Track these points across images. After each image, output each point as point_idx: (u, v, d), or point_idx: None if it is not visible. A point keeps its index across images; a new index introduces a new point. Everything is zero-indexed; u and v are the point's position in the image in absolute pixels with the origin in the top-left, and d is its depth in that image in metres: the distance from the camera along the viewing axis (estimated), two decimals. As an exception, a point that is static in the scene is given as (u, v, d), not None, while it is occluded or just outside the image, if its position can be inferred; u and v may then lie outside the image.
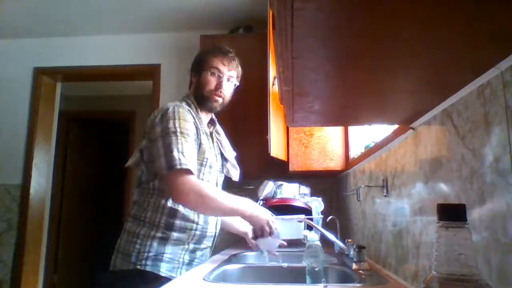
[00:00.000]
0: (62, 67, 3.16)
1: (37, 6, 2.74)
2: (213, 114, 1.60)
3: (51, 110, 3.28)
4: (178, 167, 1.27)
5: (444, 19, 0.52)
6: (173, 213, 1.37)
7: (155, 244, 1.33)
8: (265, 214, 1.42)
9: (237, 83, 1.62)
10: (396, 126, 1.21)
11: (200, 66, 1.57)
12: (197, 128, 1.43)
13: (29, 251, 2.95)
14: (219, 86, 1.53)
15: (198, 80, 1.56)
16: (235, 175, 1.64)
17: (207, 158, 1.44)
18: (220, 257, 1.59)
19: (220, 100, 1.54)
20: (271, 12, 1.55)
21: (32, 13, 2.85)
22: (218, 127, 1.64)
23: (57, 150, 3.53)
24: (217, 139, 1.61)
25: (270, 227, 1.41)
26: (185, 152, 1.30)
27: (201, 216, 1.42)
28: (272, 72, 1.94)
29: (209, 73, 1.53)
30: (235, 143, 1.68)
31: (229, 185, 1.63)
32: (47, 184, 3.20)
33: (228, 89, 1.56)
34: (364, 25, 0.55)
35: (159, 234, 1.35)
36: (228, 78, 1.55)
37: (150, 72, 3.05)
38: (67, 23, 2.98)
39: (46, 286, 3.35)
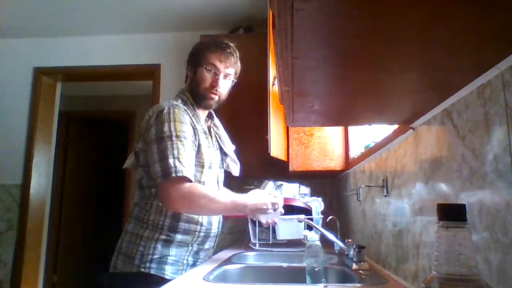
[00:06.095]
0: (62, 67, 3.16)
1: (37, 6, 2.74)
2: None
3: (51, 110, 3.28)
4: (173, 175, 1.23)
5: (444, 19, 0.52)
6: (177, 215, 1.34)
7: (159, 246, 1.31)
8: (262, 199, 1.41)
9: (235, 80, 1.55)
10: (396, 126, 1.21)
11: (196, 60, 1.50)
12: (194, 128, 1.38)
13: (29, 251, 2.94)
14: (215, 83, 1.46)
15: (194, 75, 1.50)
16: (235, 170, 1.61)
17: (206, 159, 1.40)
18: (220, 257, 1.59)
19: (215, 98, 1.48)
20: (271, 12, 1.54)
21: (32, 13, 2.85)
22: (216, 120, 1.60)
23: (57, 150, 3.53)
24: (216, 133, 1.56)
25: (273, 207, 1.41)
26: (181, 158, 1.26)
27: (205, 217, 1.40)
28: (272, 72, 1.94)
29: (205, 70, 1.46)
30: (235, 143, 1.68)
31: (229, 184, 1.63)
32: (47, 184, 3.20)
33: (224, 87, 1.50)
34: (364, 25, 0.55)
35: (163, 237, 1.32)
36: (225, 76, 1.49)
37: (150, 72, 3.04)
38: (67, 23, 2.98)
39: (46, 286, 3.35)
